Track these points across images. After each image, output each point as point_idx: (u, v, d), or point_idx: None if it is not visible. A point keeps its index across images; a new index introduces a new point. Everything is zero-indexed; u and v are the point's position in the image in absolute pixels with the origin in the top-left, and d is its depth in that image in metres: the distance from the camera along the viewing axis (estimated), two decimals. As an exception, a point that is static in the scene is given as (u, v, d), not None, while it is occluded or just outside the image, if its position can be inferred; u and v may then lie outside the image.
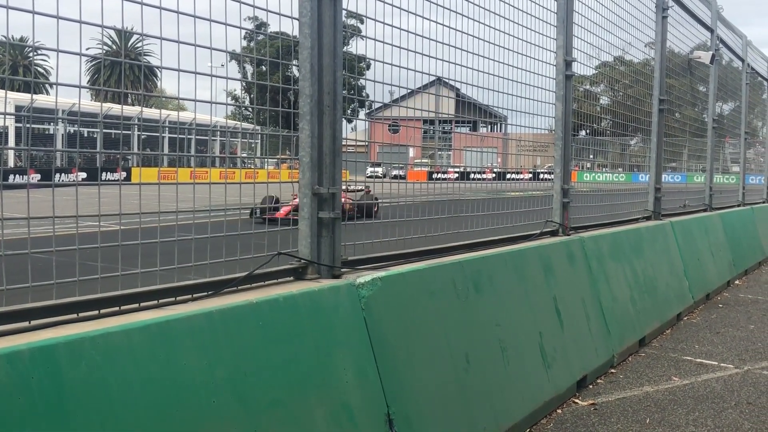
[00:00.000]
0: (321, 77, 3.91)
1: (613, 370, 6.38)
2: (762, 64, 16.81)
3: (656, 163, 9.53)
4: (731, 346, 7.45)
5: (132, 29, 4.15)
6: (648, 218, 9.29)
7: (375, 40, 4.52)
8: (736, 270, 11.92)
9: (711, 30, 12.01)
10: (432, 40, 5.03)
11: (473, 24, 5.52)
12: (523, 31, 6.22)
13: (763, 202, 16.62)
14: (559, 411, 5.33)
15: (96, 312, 2.96)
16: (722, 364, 6.75)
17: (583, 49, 7.35)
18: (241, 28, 3.68)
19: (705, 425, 5.14)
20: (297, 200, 4.05)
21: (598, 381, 6.07)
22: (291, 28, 3.95)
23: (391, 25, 4.60)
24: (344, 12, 4.14)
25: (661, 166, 9.64)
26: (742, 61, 14.87)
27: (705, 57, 11.60)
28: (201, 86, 3.73)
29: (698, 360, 6.89)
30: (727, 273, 11.33)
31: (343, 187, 4.20)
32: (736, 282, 11.77)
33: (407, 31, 4.72)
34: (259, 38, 5.60)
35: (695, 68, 12.14)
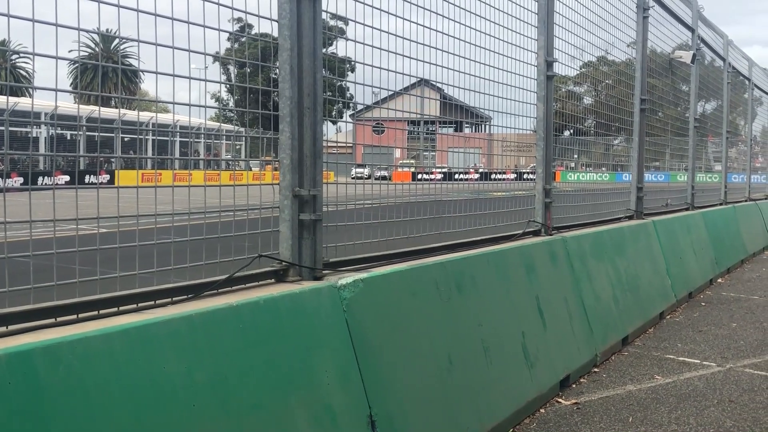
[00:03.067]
0: (301, 79, 3.90)
1: (596, 369, 6.41)
2: (743, 63, 16.93)
3: (638, 162, 9.58)
4: (714, 345, 7.50)
5: (113, 32, 4.13)
6: (630, 217, 9.34)
7: (356, 41, 4.52)
8: (719, 268, 12.00)
9: (692, 29, 12.09)
10: (415, 41, 5.04)
11: (455, 25, 5.54)
12: (505, 32, 6.24)
13: (746, 201, 16.73)
14: (542, 410, 5.35)
15: (74, 316, 2.94)
16: (705, 363, 6.79)
17: (565, 50, 7.38)
18: (219, 30, 3.67)
19: (687, 423, 5.16)
20: None
21: (581, 380, 6.09)
22: (271, 29, 3.95)
23: (372, 27, 4.60)
24: (326, 14, 4.14)
25: (642, 166, 9.69)
26: (724, 60, 14.97)
27: (686, 56, 11.67)
28: (185, 89, 3.72)
29: (681, 358, 6.92)
30: (709, 271, 11.40)
31: None
32: (719, 280, 11.84)
33: (389, 33, 4.72)
34: (242, 40, 5.60)
35: (677, 68, 12.21)
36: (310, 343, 3.59)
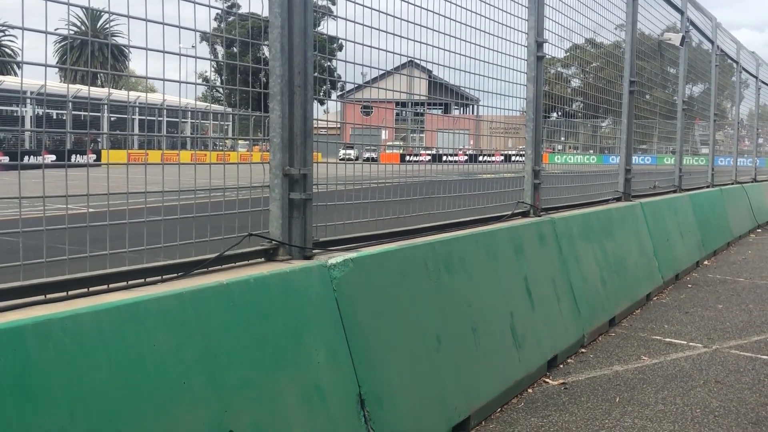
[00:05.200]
0: (291, 57, 3.88)
1: (583, 350, 6.44)
2: (731, 47, 16.94)
3: (626, 144, 9.60)
4: (700, 326, 7.55)
5: (102, 9, 4.10)
6: (618, 199, 9.37)
7: (347, 20, 4.49)
8: (705, 250, 12.06)
9: (681, 12, 12.09)
10: (404, 20, 5.01)
11: (445, 4, 5.51)
12: (495, 11, 6.22)
13: (732, 184, 16.81)
14: (529, 390, 5.38)
15: (64, 293, 2.93)
16: (691, 344, 6.84)
17: (555, 31, 7.37)
18: (210, 6, 3.64)
19: (674, 403, 5.21)
20: None
21: (569, 360, 6.13)
22: (261, 7, 3.92)
23: (362, 5, 4.57)
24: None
25: (631, 148, 9.71)
26: (712, 43, 14.98)
27: (675, 39, 11.67)
28: (173, 68, 3.70)
29: (667, 339, 6.97)
30: (696, 253, 11.46)
31: None
32: (705, 262, 11.91)
33: (379, 11, 4.70)
34: (230, 19, 5.56)
35: (665, 50, 12.21)
36: (299, 321, 3.59)
